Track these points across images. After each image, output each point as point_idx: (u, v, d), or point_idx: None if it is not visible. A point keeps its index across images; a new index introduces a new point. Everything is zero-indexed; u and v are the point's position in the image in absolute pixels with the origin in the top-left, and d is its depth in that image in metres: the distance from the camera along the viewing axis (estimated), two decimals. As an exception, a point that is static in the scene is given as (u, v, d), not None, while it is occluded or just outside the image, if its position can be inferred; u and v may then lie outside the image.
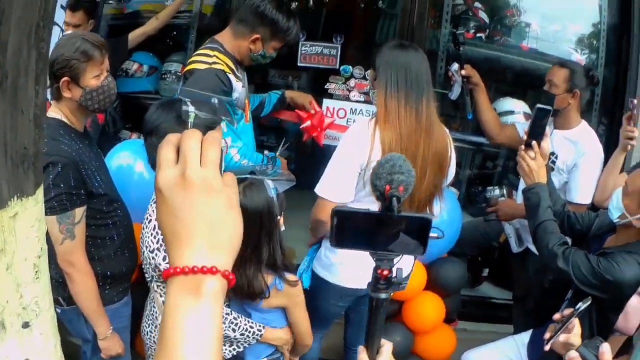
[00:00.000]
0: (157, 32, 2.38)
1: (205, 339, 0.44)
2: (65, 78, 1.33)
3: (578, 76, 1.90)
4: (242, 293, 1.24)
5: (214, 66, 1.63)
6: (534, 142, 1.47)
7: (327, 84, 2.24)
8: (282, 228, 1.31)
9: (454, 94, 2.08)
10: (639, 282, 1.38)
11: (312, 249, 1.67)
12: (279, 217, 1.27)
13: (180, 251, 0.45)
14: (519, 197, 2.05)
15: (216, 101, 1.59)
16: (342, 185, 1.44)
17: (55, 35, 2.57)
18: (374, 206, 1.58)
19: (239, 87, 1.72)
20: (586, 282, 1.39)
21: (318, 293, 1.59)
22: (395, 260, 0.69)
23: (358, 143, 1.42)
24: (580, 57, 2.60)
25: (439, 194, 1.53)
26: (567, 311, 1.19)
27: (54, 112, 1.41)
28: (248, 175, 1.27)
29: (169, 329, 0.45)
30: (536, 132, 1.46)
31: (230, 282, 0.47)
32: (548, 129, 1.50)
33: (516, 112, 2.41)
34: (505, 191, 2.43)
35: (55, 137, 1.35)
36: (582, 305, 1.15)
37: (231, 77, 1.67)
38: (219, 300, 0.46)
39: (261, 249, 1.23)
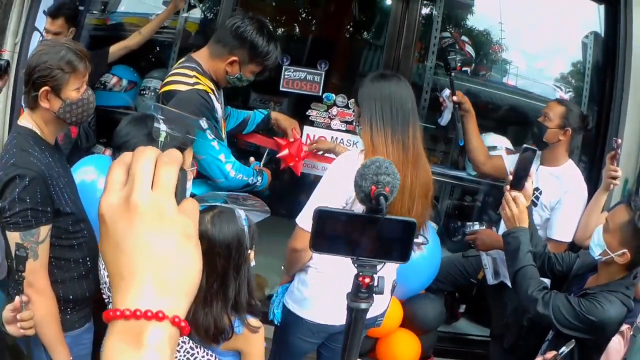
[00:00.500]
0: (139, 47, 2.32)
1: None
2: (46, 88, 1.27)
3: (573, 116, 1.94)
4: (208, 335, 1.14)
5: (196, 87, 1.58)
6: (514, 192, 1.47)
7: (309, 110, 2.20)
8: (253, 263, 1.24)
9: (444, 119, 2.09)
10: (622, 321, 1.37)
11: (283, 286, 1.60)
12: (249, 251, 1.19)
13: (122, 291, 0.38)
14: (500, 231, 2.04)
15: (204, 122, 1.55)
16: None
17: (35, 40, 2.50)
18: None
19: (219, 108, 1.68)
20: (568, 325, 1.38)
21: (289, 328, 1.52)
22: (378, 267, 0.65)
23: (345, 176, 1.34)
24: (564, 95, 2.62)
25: (424, 225, 1.51)
26: (550, 354, 1.17)
27: (26, 121, 1.34)
28: (217, 203, 1.20)
29: None
30: (521, 173, 1.46)
31: (182, 330, 0.39)
32: (533, 169, 1.50)
33: (499, 147, 2.40)
34: (484, 227, 2.40)
35: (24, 148, 1.29)
36: (565, 349, 1.14)
37: (212, 97, 1.62)
38: (166, 352, 0.38)
39: (228, 285, 1.14)
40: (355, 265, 0.64)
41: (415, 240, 0.63)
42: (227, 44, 1.62)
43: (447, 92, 2.05)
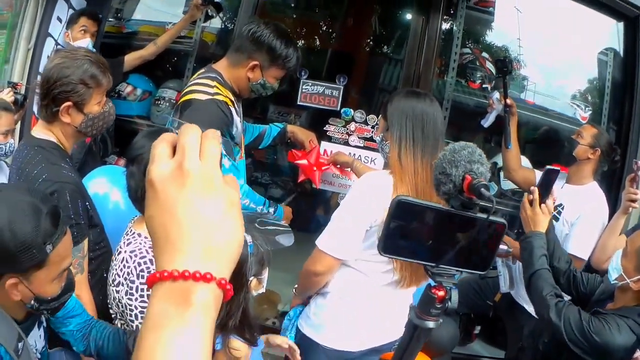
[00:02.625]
0: (154, 57, 2.29)
1: (191, 357, 0.37)
2: (68, 103, 1.24)
3: (604, 139, 2.01)
4: None
5: (216, 97, 1.53)
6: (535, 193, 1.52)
7: (327, 125, 2.16)
8: (261, 290, 1.17)
9: (488, 121, 2.10)
10: (629, 350, 1.32)
11: (295, 309, 1.54)
12: (251, 279, 1.12)
13: (170, 254, 0.39)
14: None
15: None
16: (348, 240, 1.30)
17: (48, 47, 2.48)
18: (381, 267, 1.35)
19: (238, 121, 1.64)
20: (575, 340, 1.35)
21: (303, 354, 1.47)
22: (455, 277, 0.56)
23: (374, 197, 1.27)
24: (584, 114, 2.58)
25: None
26: None
27: (44, 133, 1.30)
28: None
29: (147, 345, 0.37)
30: (543, 191, 1.52)
31: (226, 294, 0.40)
32: (555, 188, 1.55)
33: (518, 166, 2.35)
34: (507, 247, 2.35)
35: (54, 162, 1.26)
36: None
37: (232, 109, 1.58)
38: (212, 313, 0.39)
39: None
40: (430, 273, 0.54)
41: (500, 247, 0.53)
42: (246, 50, 1.59)
43: (496, 94, 2.06)
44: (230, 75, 1.62)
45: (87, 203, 1.28)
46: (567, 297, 1.55)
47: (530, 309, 1.95)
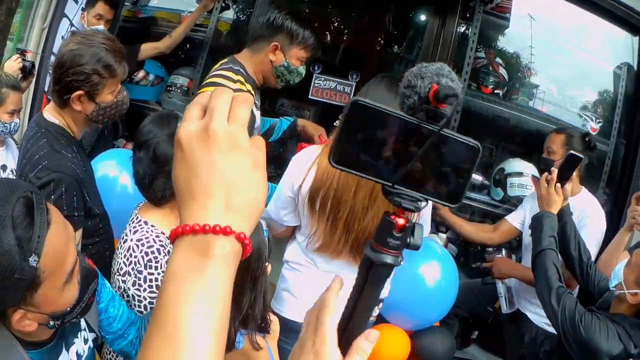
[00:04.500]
0: (169, 50, 2.30)
1: (211, 313, 0.38)
2: (80, 92, 1.20)
3: (575, 141, 1.93)
4: None
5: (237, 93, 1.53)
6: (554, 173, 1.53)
7: (336, 121, 2.15)
8: (269, 273, 1.20)
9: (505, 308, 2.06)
10: (613, 357, 1.30)
11: None
12: (267, 264, 1.13)
13: (193, 209, 0.41)
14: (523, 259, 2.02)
15: None
16: (280, 207, 1.37)
17: (64, 28, 2.49)
18: (305, 231, 1.35)
19: (258, 116, 1.64)
20: (565, 329, 1.36)
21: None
22: (421, 205, 0.46)
23: (297, 165, 1.33)
24: (594, 126, 2.57)
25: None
26: None
27: (54, 116, 1.27)
28: None
29: (167, 295, 0.39)
30: (563, 176, 1.54)
31: (245, 248, 0.41)
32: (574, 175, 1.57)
33: (525, 174, 2.35)
34: (504, 253, 2.34)
35: (57, 149, 1.22)
36: None
37: (253, 106, 1.58)
38: (231, 266, 0.40)
39: (243, 296, 1.08)
40: (391, 196, 0.45)
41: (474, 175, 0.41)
42: (265, 36, 1.61)
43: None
44: (253, 65, 1.62)
45: (87, 194, 1.23)
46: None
47: (532, 317, 1.96)
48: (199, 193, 0.41)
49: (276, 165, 2.39)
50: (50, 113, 1.27)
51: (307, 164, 1.30)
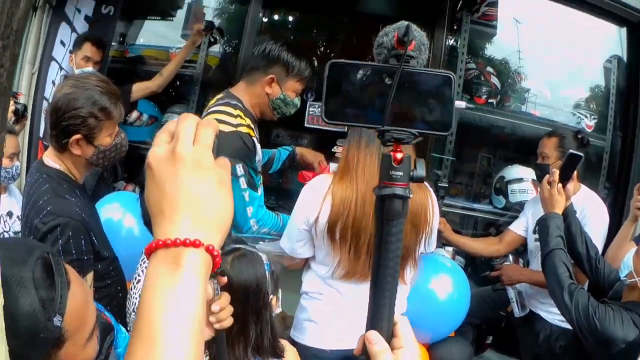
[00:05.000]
0: (161, 89, 2.29)
1: (182, 315, 0.42)
2: (78, 136, 1.20)
3: (567, 141, 1.93)
4: None
5: (239, 129, 1.52)
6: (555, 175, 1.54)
7: (335, 147, 2.16)
8: (277, 310, 1.20)
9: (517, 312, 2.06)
10: (634, 345, 1.33)
11: None
12: (271, 297, 1.15)
13: (163, 225, 0.44)
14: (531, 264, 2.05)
15: (240, 169, 1.49)
16: (295, 240, 1.36)
17: (53, 71, 2.48)
18: (327, 260, 1.32)
19: (259, 150, 1.62)
20: (580, 324, 1.38)
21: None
22: (413, 139, 0.50)
23: (310, 198, 1.31)
24: (589, 123, 2.58)
25: (412, 259, 1.35)
26: None
27: (54, 161, 1.27)
28: (240, 245, 1.16)
29: (144, 306, 0.42)
30: (564, 176, 1.56)
31: (215, 260, 0.45)
32: (575, 175, 1.58)
33: (525, 179, 2.36)
34: (511, 258, 2.36)
35: (60, 193, 1.22)
36: None
37: (255, 140, 1.56)
38: (201, 275, 0.44)
39: (248, 328, 1.10)
40: (383, 138, 0.49)
41: (457, 103, 0.46)
42: (260, 67, 1.59)
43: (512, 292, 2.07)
44: (250, 98, 1.61)
45: (94, 237, 1.24)
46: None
47: (545, 315, 1.98)
48: (168, 209, 0.44)
49: (276, 196, 2.39)
50: (51, 158, 1.27)
51: (320, 195, 1.29)
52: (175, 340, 0.41)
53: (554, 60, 2.65)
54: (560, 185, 1.56)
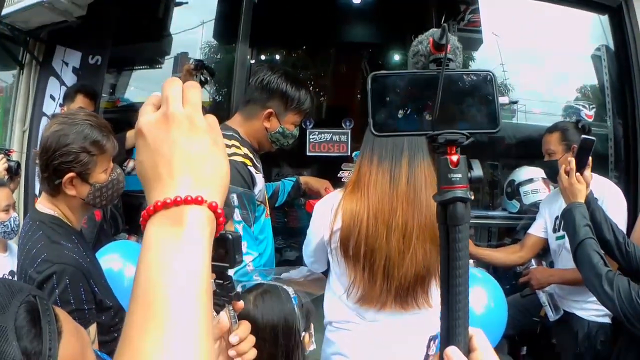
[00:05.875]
0: None
1: (188, 273, 0.39)
2: (71, 174, 1.13)
3: (570, 132, 1.92)
4: None
5: (233, 157, 1.46)
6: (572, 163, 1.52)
7: (340, 172, 2.12)
8: (311, 348, 1.09)
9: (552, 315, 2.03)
10: None
11: None
12: (303, 334, 1.05)
13: (161, 189, 0.42)
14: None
15: (234, 199, 1.44)
16: (310, 255, 1.37)
17: (42, 125, 2.46)
18: (343, 280, 1.29)
19: (260, 180, 1.55)
20: (625, 310, 1.33)
21: None
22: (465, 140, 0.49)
23: (322, 214, 1.29)
24: (589, 113, 2.57)
25: (436, 278, 1.25)
26: None
27: (47, 207, 1.19)
28: (263, 281, 1.08)
29: (145, 267, 0.39)
30: (580, 164, 1.54)
31: (218, 217, 0.43)
32: (590, 160, 1.56)
33: (535, 179, 2.33)
34: (534, 262, 2.30)
35: (54, 240, 1.14)
36: None
37: (252, 169, 1.50)
38: (206, 232, 0.42)
39: None
40: (435, 142, 0.48)
41: (501, 99, 0.47)
42: (258, 100, 1.53)
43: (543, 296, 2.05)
44: (246, 130, 1.56)
45: (95, 286, 1.15)
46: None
47: (581, 313, 1.92)
48: (166, 172, 0.42)
49: (283, 236, 2.34)
50: (43, 204, 1.20)
51: (332, 212, 1.26)
52: (183, 303, 0.37)
53: (543, 59, 2.66)
54: (578, 173, 1.53)
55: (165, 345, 0.36)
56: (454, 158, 0.47)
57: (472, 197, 0.48)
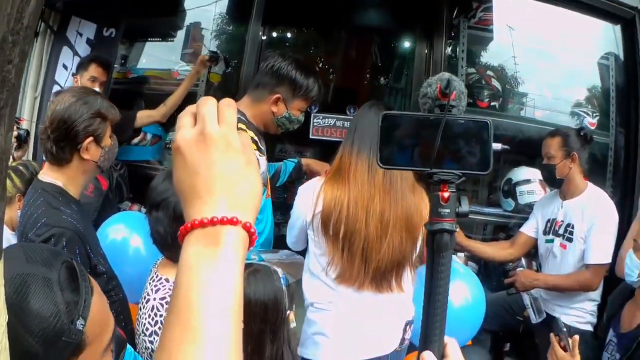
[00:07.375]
0: (165, 119, 2.29)
1: (224, 294, 0.41)
2: (90, 138, 1.26)
3: (571, 139, 1.93)
4: None
5: None
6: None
7: (341, 157, 2.15)
8: (292, 324, 1.16)
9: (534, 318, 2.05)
10: None
11: None
12: (288, 312, 1.11)
13: (199, 207, 0.44)
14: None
15: None
16: (294, 235, 1.45)
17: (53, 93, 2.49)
18: (322, 259, 1.36)
19: (263, 162, 1.61)
20: None
21: None
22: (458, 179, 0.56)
23: (305, 197, 1.39)
24: (592, 121, 2.59)
25: (409, 265, 1.38)
26: None
27: (50, 177, 1.29)
28: (253, 261, 1.13)
29: (183, 286, 0.41)
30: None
31: (251, 237, 0.45)
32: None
33: (532, 180, 2.36)
34: (524, 262, 2.34)
35: (54, 206, 1.22)
36: None
37: (256, 152, 1.55)
38: (240, 253, 0.44)
39: (264, 348, 1.06)
40: (431, 179, 0.55)
41: (494, 145, 0.54)
42: (267, 85, 1.58)
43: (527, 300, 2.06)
44: (253, 113, 1.60)
45: (90, 250, 1.23)
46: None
47: (563, 318, 1.89)
48: (204, 191, 0.44)
49: (282, 211, 2.38)
50: (47, 174, 1.29)
51: (314, 194, 1.35)
52: (217, 320, 0.40)
53: (551, 61, 2.67)
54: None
55: (199, 358, 0.39)
56: (445, 195, 0.53)
57: (457, 230, 0.54)
